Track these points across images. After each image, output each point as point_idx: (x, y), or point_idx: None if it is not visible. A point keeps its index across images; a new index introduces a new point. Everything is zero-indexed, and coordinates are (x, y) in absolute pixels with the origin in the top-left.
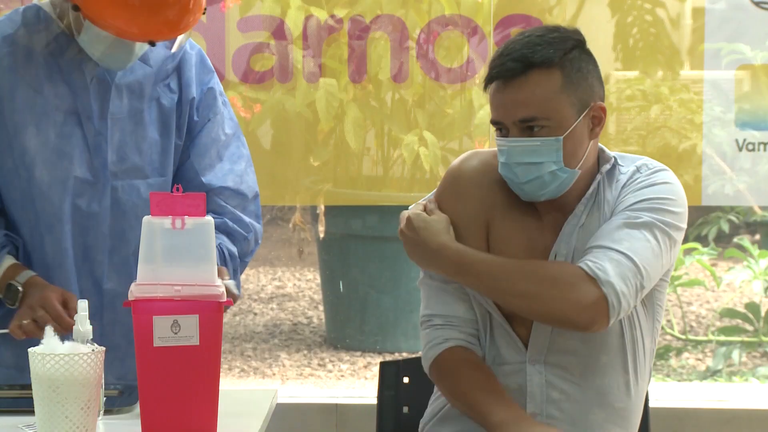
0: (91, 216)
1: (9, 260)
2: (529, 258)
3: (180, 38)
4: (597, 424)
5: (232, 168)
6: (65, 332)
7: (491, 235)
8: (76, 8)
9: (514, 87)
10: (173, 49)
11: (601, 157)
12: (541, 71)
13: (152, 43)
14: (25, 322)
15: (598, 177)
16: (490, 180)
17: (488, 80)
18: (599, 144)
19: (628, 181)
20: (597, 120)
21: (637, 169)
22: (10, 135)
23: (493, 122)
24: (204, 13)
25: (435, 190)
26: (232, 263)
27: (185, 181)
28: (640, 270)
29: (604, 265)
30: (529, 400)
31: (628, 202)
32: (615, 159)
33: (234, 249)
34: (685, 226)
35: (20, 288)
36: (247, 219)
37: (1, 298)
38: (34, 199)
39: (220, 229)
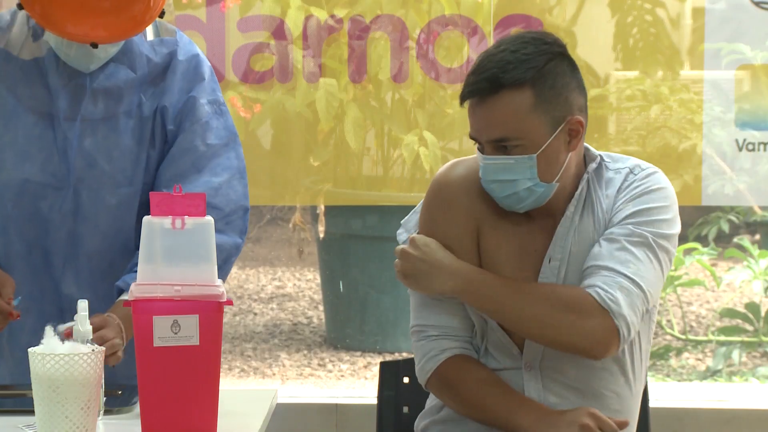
0: (50, 220)
1: None
2: (520, 263)
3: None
4: None
5: (209, 180)
6: (7, 318)
7: (482, 242)
8: (20, 6)
9: (486, 107)
10: (150, 37)
11: (587, 156)
12: (512, 91)
13: (95, 46)
14: None
15: (586, 176)
16: (477, 187)
17: (462, 98)
18: (585, 144)
19: (622, 185)
20: (574, 133)
21: (630, 171)
22: None
23: (472, 137)
24: (162, 16)
25: (421, 201)
26: None
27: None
28: (647, 296)
29: (615, 295)
30: None
31: (626, 212)
32: (601, 157)
33: None
34: (679, 228)
35: None
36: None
37: None
38: None
39: None
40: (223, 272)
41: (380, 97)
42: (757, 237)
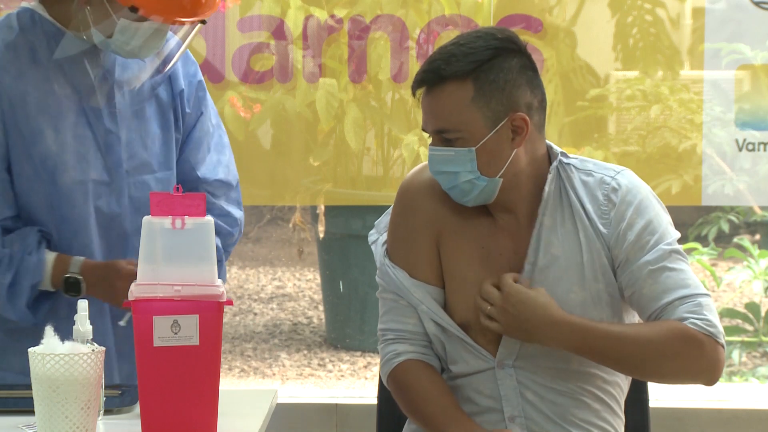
0: (113, 217)
1: (51, 254)
2: (484, 266)
3: (178, 54)
4: (576, 423)
5: (219, 159)
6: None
7: (442, 246)
8: (134, 9)
9: (431, 97)
10: (176, 57)
11: (551, 155)
12: (454, 83)
13: (203, 22)
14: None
15: (550, 176)
16: (440, 192)
17: (412, 89)
18: (548, 142)
19: (602, 190)
20: (519, 130)
21: (605, 175)
22: (27, 142)
23: (422, 129)
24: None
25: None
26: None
27: (182, 175)
28: (710, 296)
29: (708, 317)
30: (505, 404)
31: (637, 227)
32: (563, 154)
33: (219, 244)
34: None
35: (79, 277)
36: (235, 213)
37: (63, 292)
38: (60, 204)
39: None
40: (233, 245)
41: (380, 97)
42: (757, 237)
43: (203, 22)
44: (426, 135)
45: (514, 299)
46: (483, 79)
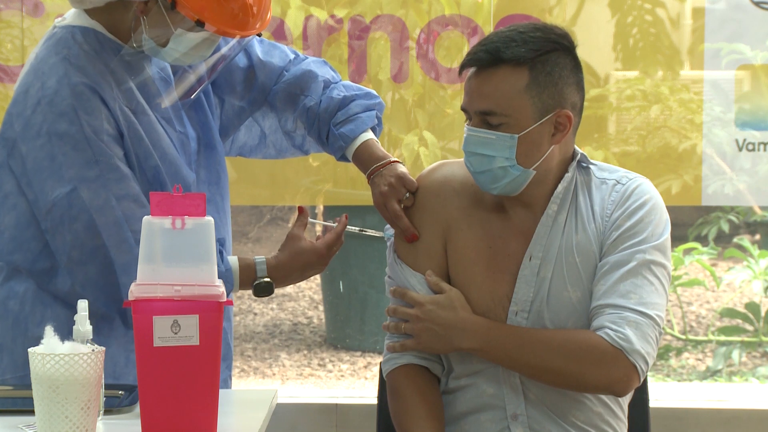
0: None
1: (233, 259)
2: (491, 264)
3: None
4: (578, 425)
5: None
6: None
7: (450, 245)
8: (200, 24)
9: (482, 78)
10: (226, 62)
11: (573, 156)
12: (510, 68)
13: (259, 34)
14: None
15: (567, 176)
16: (450, 191)
17: (461, 66)
18: (575, 147)
19: (610, 196)
20: (561, 126)
21: (617, 182)
22: (141, 161)
23: (462, 108)
24: None
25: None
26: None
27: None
28: (656, 320)
29: (625, 332)
30: (507, 402)
31: (619, 230)
32: (583, 156)
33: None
34: (669, 239)
35: (269, 280)
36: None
37: (254, 295)
38: None
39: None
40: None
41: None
42: (757, 237)
43: (259, 34)
44: (465, 119)
45: (429, 305)
46: (539, 69)
